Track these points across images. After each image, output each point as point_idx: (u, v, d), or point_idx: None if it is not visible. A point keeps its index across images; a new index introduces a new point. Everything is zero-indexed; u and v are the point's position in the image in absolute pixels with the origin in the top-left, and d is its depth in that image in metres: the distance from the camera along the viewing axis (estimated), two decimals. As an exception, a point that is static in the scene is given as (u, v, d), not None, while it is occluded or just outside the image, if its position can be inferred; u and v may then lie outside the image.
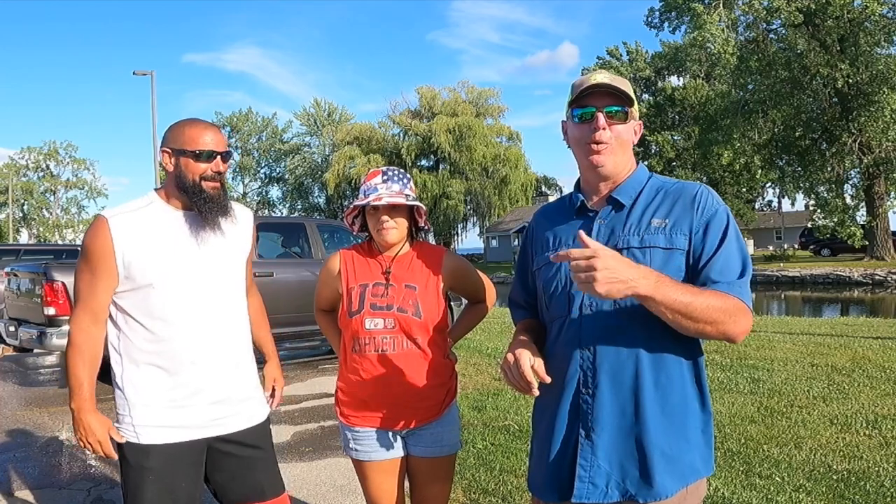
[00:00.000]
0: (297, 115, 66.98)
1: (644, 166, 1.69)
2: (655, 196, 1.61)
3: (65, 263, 8.69)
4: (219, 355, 2.01)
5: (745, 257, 1.52)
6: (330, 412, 5.29)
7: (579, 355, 1.57)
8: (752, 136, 31.54)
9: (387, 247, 2.19)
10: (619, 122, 1.59)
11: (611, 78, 1.60)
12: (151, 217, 1.96)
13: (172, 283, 1.93)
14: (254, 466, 2.08)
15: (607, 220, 1.61)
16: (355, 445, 2.22)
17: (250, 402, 2.10)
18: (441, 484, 2.25)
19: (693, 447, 1.56)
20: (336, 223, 9.40)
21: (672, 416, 1.53)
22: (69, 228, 70.19)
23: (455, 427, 2.24)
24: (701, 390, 1.58)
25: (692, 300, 1.41)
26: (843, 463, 3.84)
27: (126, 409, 1.98)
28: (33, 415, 5.66)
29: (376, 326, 2.13)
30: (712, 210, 1.55)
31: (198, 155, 1.93)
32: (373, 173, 2.19)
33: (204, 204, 1.95)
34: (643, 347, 1.52)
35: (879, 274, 26.36)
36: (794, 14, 27.81)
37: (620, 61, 52.94)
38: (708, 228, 1.53)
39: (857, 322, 11.43)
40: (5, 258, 11.19)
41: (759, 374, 6.33)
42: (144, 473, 1.93)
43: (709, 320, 1.42)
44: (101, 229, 1.90)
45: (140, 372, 1.96)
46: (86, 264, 1.93)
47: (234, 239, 2.08)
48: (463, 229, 58.20)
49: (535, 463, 1.70)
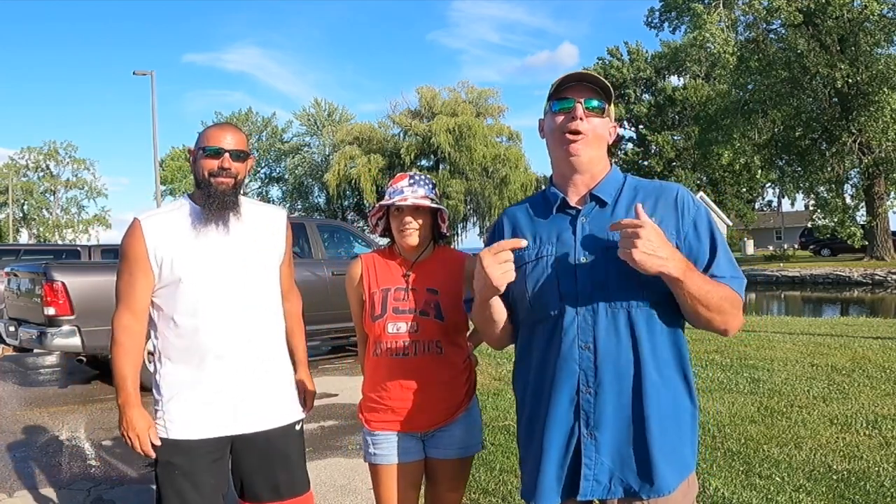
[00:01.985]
0: (298, 115, 66.92)
1: (617, 167, 1.71)
2: (636, 195, 1.61)
3: (65, 263, 8.71)
4: (245, 352, 2.06)
5: (730, 254, 1.60)
6: (330, 412, 5.29)
7: (578, 354, 1.56)
8: (752, 136, 31.52)
9: (408, 249, 2.19)
10: (596, 116, 1.61)
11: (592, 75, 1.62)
12: (181, 217, 2.06)
13: (199, 277, 2.01)
14: (273, 466, 2.11)
15: (590, 217, 1.61)
16: (375, 450, 2.19)
17: (277, 402, 2.13)
18: (457, 486, 2.25)
19: (686, 441, 1.59)
20: (336, 223, 9.41)
21: (669, 411, 1.55)
22: (69, 228, 70.15)
23: (475, 428, 2.24)
24: (688, 383, 1.61)
25: (711, 289, 1.48)
26: (843, 463, 3.84)
27: (160, 405, 2.06)
28: (33, 415, 5.67)
29: (399, 330, 2.13)
30: (694, 210, 1.59)
31: (206, 151, 2.04)
32: (400, 176, 2.20)
33: (208, 199, 2.04)
34: (642, 343, 1.53)
35: (879, 274, 26.37)
36: (794, 14, 27.80)
37: (621, 61, 52.91)
38: (697, 229, 1.58)
39: (857, 322, 11.44)
40: (5, 258, 11.18)
41: (759, 374, 6.33)
42: (171, 468, 2.00)
43: (720, 310, 1.50)
44: (135, 231, 2.02)
45: (173, 367, 2.04)
46: (124, 265, 2.04)
47: (263, 238, 2.15)
48: (463, 229, 58.17)
49: (531, 469, 1.65)
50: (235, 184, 2.07)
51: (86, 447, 4.70)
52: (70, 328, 6.15)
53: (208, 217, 2.03)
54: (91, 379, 7.28)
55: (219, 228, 2.04)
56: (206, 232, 2.04)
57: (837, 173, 30.61)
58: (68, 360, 8.34)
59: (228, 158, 2.04)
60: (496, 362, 7.36)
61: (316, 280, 7.50)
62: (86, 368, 7.79)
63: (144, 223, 2.03)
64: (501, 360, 7.43)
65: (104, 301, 6.02)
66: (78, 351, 6.33)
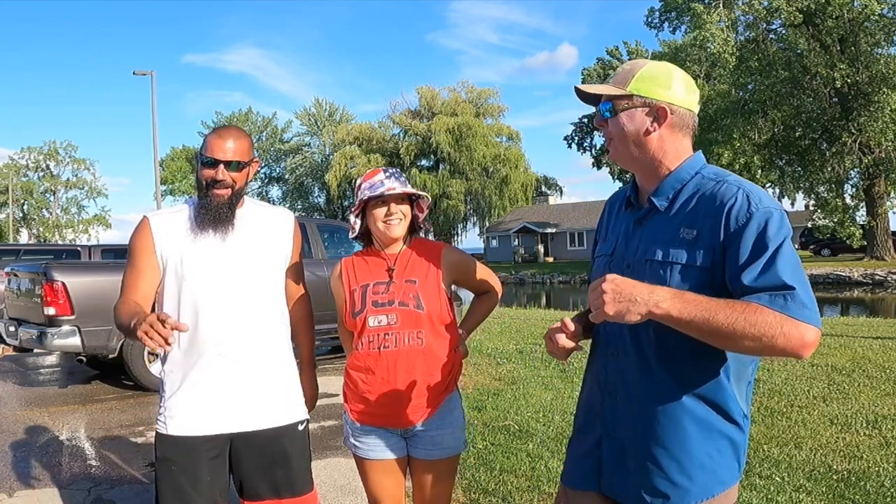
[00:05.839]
0: (298, 115, 66.96)
1: (697, 158, 1.54)
2: (691, 199, 1.47)
3: (65, 263, 8.70)
4: (245, 351, 2.07)
5: (781, 267, 1.32)
6: (330, 412, 5.29)
7: (604, 361, 1.60)
8: (752, 136, 31.51)
9: (389, 242, 2.20)
10: (603, 122, 1.57)
11: (588, 85, 1.59)
12: (187, 216, 2.11)
13: (202, 275, 2.04)
14: (272, 464, 2.12)
15: (642, 224, 1.56)
16: (356, 441, 2.24)
17: (278, 402, 2.13)
18: (442, 485, 2.25)
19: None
20: (336, 223, 9.40)
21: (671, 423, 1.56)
22: (69, 228, 70.11)
23: (457, 429, 2.24)
24: (705, 401, 1.54)
25: (713, 318, 1.29)
26: (843, 463, 3.84)
27: (162, 401, 2.09)
28: (33, 415, 5.66)
29: (380, 323, 2.15)
30: (745, 219, 1.36)
31: (204, 161, 2.06)
32: (373, 172, 2.20)
33: (201, 210, 2.07)
34: (653, 350, 1.49)
35: (879, 274, 26.38)
36: (794, 14, 27.81)
37: (620, 61, 52.93)
38: (742, 236, 1.36)
39: (857, 322, 11.44)
40: (5, 258, 11.17)
41: (759, 374, 6.33)
42: (169, 464, 2.02)
43: (746, 336, 1.28)
44: (144, 227, 2.09)
45: (174, 365, 2.07)
46: (131, 259, 2.09)
47: (266, 240, 2.16)
48: (463, 229, 58.26)
49: (568, 453, 1.73)
50: (232, 193, 2.07)
51: (86, 447, 4.70)
52: (70, 328, 6.14)
53: (203, 227, 2.06)
54: (91, 379, 7.27)
55: (216, 235, 2.07)
56: (207, 234, 2.07)
57: (837, 173, 30.61)
58: (68, 360, 8.34)
59: (223, 170, 2.04)
60: (496, 362, 7.36)
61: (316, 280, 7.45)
62: (86, 368, 7.78)
63: (153, 220, 2.09)
64: (501, 360, 7.43)
65: (104, 301, 6.02)
66: (78, 351, 6.32)
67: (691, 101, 1.52)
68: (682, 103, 1.51)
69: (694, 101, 1.53)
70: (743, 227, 1.36)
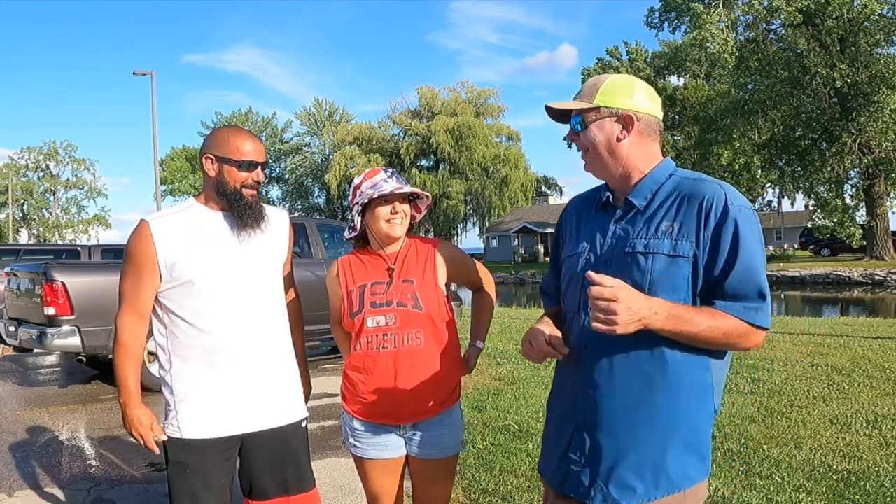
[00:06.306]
0: (299, 115, 66.95)
1: (668, 162, 1.63)
2: (669, 197, 1.56)
3: (65, 263, 8.70)
4: (257, 352, 2.08)
5: (756, 271, 1.46)
6: (330, 412, 5.29)
7: (582, 353, 1.59)
8: (752, 136, 31.55)
9: (390, 242, 2.20)
10: (576, 136, 1.65)
11: (557, 102, 1.66)
12: (191, 218, 2.07)
13: (212, 278, 2.02)
14: (282, 462, 2.13)
15: (622, 222, 1.60)
16: (355, 441, 2.24)
17: (285, 401, 2.15)
18: (441, 485, 2.25)
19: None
20: (336, 223, 9.40)
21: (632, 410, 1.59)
22: (69, 228, 70.09)
23: (455, 429, 2.23)
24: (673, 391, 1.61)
25: (702, 330, 1.43)
26: (843, 463, 3.84)
27: (172, 404, 2.06)
28: (33, 415, 5.66)
29: (378, 324, 2.14)
30: (722, 216, 1.46)
31: (240, 164, 2.04)
32: (372, 171, 2.20)
33: (244, 210, 2.06)
34: (622, 345, 1.52)
35: (879, 274, 26.38)
36: (794, 14, 27.83)
37: (620, 61, 52.88)
38: (720, 238, 1.46)
39: (857, 322, 11.44)
40: (5, 258, 11.17)
41: (759, 374, 6.33)
42: (183, 468, 2.02)
43: (718, 342, 1.47)
44: (144, 232, 2.01)
45: (184, 367, 2.05)
46: (131, 266, 2.03)
47: (269, 240, 2.17)
48: (463, 229, 58.24)
49: (544, 449, 1.75)
50: (258, 193, 2.12)
51: (86, 447, 4.70)
52: (70, 328, 6.14)
53: (243, 226, 2.06)
54: (91, 379, 7.27)
55: (241, 235, 2.07)
56: (216, 235, 2.06)
57: (837, 173, 30.64)
58: (68, 360, 8.34)
59: (261, 172, 2.08)
60: (496, 362, 7.36)
61: (316, 280, 7.47)
62: (86, 368, 7.78)
63: (153, 224, 2.02)
64: (501, 360, 7.43)
65: (104, 301, 6.02)
66: (78, 351, 6.32)
67: (655, 109, 1.62)
68: (647, 111, 1.60)
69: (657, 108, 1.63)
70: (721, 224, 1.46)
